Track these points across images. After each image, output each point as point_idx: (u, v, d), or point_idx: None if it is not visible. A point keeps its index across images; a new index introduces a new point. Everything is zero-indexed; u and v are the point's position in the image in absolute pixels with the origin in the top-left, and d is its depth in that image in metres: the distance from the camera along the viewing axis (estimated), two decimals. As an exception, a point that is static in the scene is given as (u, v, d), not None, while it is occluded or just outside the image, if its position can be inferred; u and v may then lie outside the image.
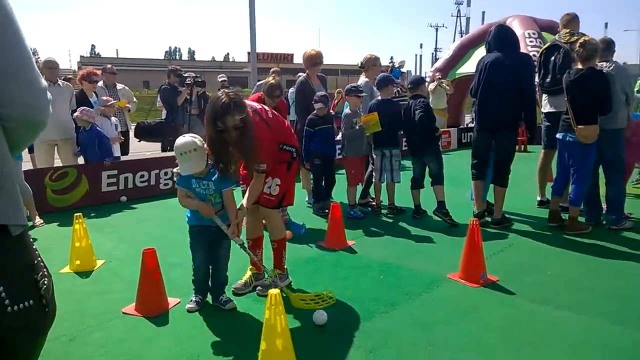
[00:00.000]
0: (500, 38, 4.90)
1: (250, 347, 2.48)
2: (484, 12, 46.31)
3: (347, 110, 5.71)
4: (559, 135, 4.76)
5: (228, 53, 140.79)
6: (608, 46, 4.95)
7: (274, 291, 2.20)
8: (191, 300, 3.17)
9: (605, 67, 4.79)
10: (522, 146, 10.40)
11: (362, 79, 6.03)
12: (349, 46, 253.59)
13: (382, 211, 5.70)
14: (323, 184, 5.69)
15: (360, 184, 5.84)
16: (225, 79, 10.02)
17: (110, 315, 3.08)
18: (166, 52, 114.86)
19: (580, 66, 4.52)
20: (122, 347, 2.69)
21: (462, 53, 14.01)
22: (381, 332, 2.82)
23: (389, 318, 3.00)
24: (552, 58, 5.18)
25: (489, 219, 5.07)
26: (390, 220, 5.40)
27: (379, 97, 5.64)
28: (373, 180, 5.76)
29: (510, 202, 5.28)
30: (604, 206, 4.99)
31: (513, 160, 4.95)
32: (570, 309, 3.07)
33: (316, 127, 5.48)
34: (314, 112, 5.48)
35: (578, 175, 4.67)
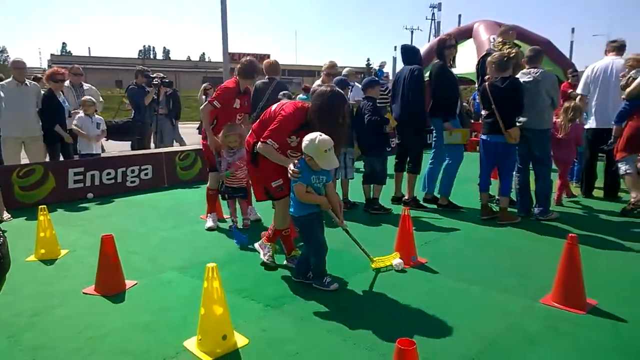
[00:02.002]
0: (402, 54, 5.97)
1: (193, 314, 2.83)
2: (460, 15, 47.50)
3: None
4: (483, 136, 5.26)
5: (204, 53, 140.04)
6: (536, 54, 5.46)
7: (211, 265, 2.57)
8: (332, 282, 3.47)
9: (533, 73, 5.30)
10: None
11: (317, 82, 6.49)
12: (326, 47, 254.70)
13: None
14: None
15: None
16: (210, 87, 10.06)
17: (72, 295, 3.40)
18: (140, 51, 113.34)
19: (500, 75, 5.01)
20: (82, 319, 3.02)
21: (431, 57, 14.55)
22: (316, 303, 3.22)
23: (325, 292, 3.41)
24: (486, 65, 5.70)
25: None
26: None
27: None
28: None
29: (458, 197, 5.84)
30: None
31: (419, 153, 5.87)
32: (480, 284, 3.53)
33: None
34: None
35: (503, 171, 5.21)
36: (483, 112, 5.33)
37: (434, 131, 5.99)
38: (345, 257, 4.11)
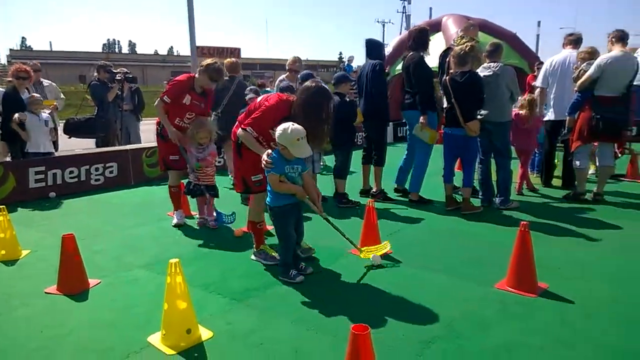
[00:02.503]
0: (367, 48, 6.05)
1: (158, 311, 2.83)
2: (430, 8, 48.09)
3: None
4: (445, 129, 5.41)
5: (172, 46, 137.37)
6: (496, 49, 5.62)
7: (173, 261, 2.59)
8: (298, 275, 3.51)
9: (493, 67, 5.47)
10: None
11: (281, 77, 6.54)
12: (298, 41, 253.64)
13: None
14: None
15: None
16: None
17: (34, 295, 3.35)
18: (104, 44, 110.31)
19: (460, 69, 5.15)
20: (43, 319, 3.00)
21: (401, 50, 14.69)
22: (281, 295, 3.29)
23: (288, 284, 3.47)
24: (447, 59, 5.83)
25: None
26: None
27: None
28: None
29: (426, 190, 5.99)
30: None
31: (384, 146, 5.97)
32: (442, 272, 3.65)
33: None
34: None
35: (465, 163, 5.38)
36: (445, 106, 5.47)
37: (410, 124, 5.94)
38: (316, 249, 4.17)
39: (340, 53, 67.80)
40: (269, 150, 3.43)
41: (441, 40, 12.65)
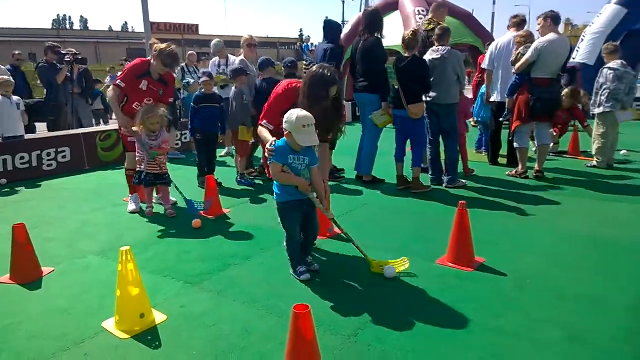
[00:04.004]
0: (325, 29, 6.21)
1: (112, 297, 2.91)
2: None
3: (234, 89, 6.14)
4: (395, 112, 5.60)
5: (126, 22, 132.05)
6: (444, 33, 5.80)
7: (125, 248, 2.67)
8: (304, 272, 3.35)
9: (441, 50, 5.65)
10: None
11: (239, 58, 6.51)
12: (258, 17, 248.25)
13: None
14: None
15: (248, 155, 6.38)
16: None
17: (-15, 286, 3.35)
18: (54, 20, 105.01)
19: (406, 54, 5.33)
20: (-5, 310, 3.02)
21: (358, 29, 14.68)
22: (234, 278, 3.42)
23: (241, 268, 3.60)
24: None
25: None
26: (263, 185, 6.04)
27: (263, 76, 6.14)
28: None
29: (380, 170, 6.17)
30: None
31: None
32: (391, 250, 3.85)
33: (200, 105, 5.88)
34: (202, 88, 5.94)
35: (414, 144, 5.60)
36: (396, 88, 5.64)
37: (363, 107, 6.03)
38: (263, 232, 4.31)
39: (301, 30, 67.06)
40: (274, 139, 3.29)
41: (398, 18, 12.76)
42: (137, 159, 4.84)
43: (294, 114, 3.10)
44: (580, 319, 2.79)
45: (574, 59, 13.57)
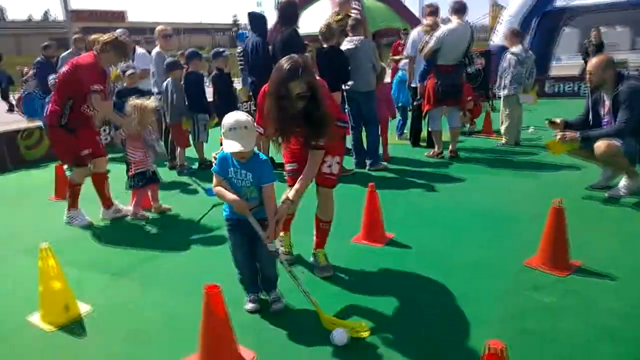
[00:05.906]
0: (250, 22, 6.27)
1: (36, 293, 3.00)
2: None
3: (169, 81, 6.23)
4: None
5: (48, 10, 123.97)
6: (357, 24, 6.11)
7: (44, 245, 2.79)
8: (247, 302, 2.92)
9: (355, 40, 5.97)
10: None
11: (154, 50, 6.62)
12: (189, 2, 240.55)
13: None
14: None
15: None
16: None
17: None
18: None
19: (324, 45, 5.62)
20: None
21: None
22: (160, 268, 3.59)
23: (169, 258, 3.79)
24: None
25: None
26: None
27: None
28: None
29: None
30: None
31: None
32: (309, 232, 4.08)
33: (124, 99, 5.88)
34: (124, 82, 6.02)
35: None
36: None
37: None
38: (194, 222, 4.49)
39: (235, 15, 65.75)
40: (221, 148, 2.73)
41: (325, 5, 12.99)
42: (137, 159, 4.66)
43: (229, 115, 2.64)
44: (467, 284, 3.17)
45: (492, 41, 14.45)
